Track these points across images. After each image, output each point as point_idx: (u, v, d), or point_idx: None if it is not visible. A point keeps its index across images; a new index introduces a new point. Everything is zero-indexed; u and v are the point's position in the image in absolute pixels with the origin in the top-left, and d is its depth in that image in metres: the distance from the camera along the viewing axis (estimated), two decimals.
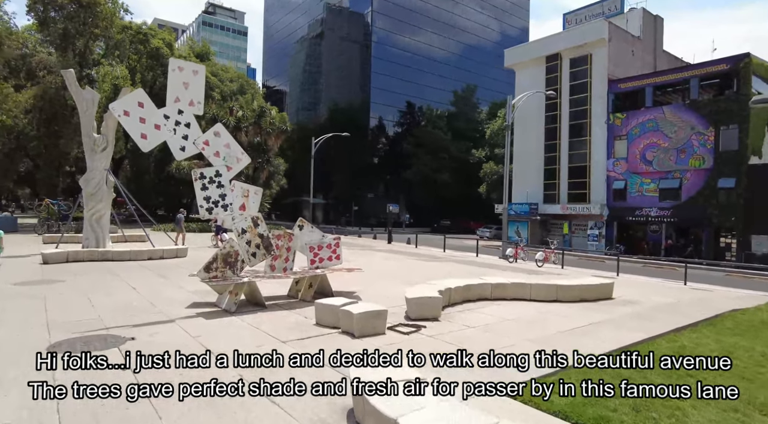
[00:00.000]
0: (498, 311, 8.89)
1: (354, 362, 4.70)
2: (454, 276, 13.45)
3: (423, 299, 8.00)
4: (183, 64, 8.20)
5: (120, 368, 5.04)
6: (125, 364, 5.15)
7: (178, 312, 8.21)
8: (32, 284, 10.63)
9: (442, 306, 8.52)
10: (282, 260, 9.74)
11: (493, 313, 8.75)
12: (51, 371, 4.83)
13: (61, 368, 4.71)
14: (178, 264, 15.10)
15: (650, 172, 30.72)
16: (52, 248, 17.83)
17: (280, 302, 9.47)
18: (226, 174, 8.76)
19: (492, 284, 10.06)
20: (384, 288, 11.21)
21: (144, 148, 7.90)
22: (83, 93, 17.47)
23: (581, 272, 17.90)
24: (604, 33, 32.72)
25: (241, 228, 8.98)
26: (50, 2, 29.12)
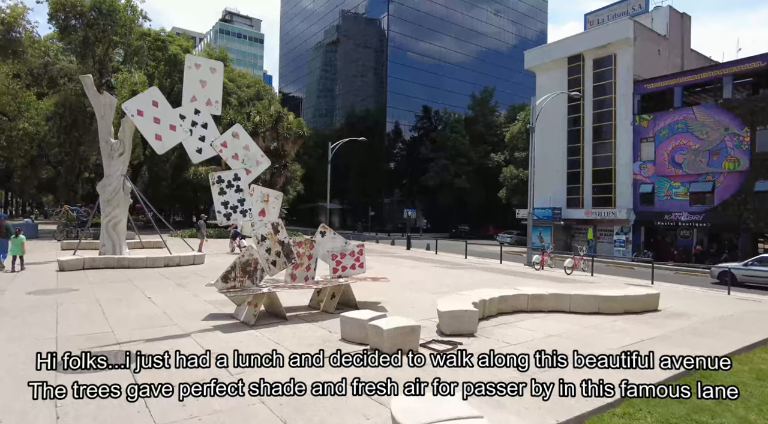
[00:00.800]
0: (539, 326, 8.16)
1: (392, 388, 4.09)
2: (482, 285, 12.74)
3: (458, 312, 7.32)
4: (200, 61, 7.72)
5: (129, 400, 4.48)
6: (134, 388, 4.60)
7: (195, 325, 7.68)
8: (46, 294, 10.26)
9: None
10: (303, 268, 9.17)
11: (534, 327, 8.02)
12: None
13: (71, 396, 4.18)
14: (195, 271, 14.69)
15: (680, 175, 29.50)
16: (69, 255, 17.63)
17: (302, 313, 8.89)
18: (245, 178, 8.24)
19: (528, 295, 9.34)
20: (410, 299, 10.56)
21: (159, 150, 7.42)
22: (101, 98, 17.29)
23: (613, 280, 17.00)
24: (629, 32, 31.68)
25: (260, 235, 8.44)
26: (71, 10, 29.41)
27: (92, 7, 29.93)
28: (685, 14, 36.03)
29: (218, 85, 7.95)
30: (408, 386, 4.32)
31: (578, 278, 16.85)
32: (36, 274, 13.33)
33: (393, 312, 8.86)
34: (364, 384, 4.64)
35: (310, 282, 9.16)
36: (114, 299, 9.75)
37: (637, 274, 21.31)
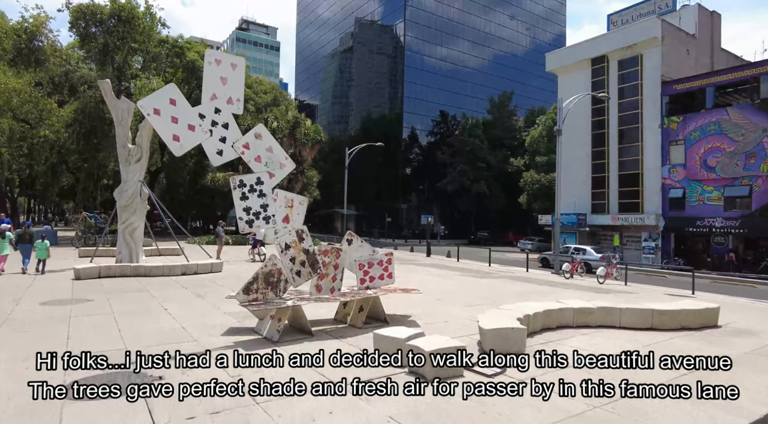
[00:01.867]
0: (591, 343, 7.36)
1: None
2: (515, 296, 11.95)
3: (504, 330, 6.57)
4: (220, 56, 7.18)
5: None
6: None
7: (215, 341, 7.08)
8: (60, 304, 9.79)
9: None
10: (329, 279, 8.52)
11: (586, 346, 7.22)
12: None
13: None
14: (214, 280, 14.18)
15: (713, 179, 28.22)
16: (86, 262, 17.33)
17: (328, 327, 8.23)
18: (268, 181, 7.65)
19: (575, 309, 8.54)
20: (442, 312, 9.83)
21: (176, 151, 6.88)
22: (119, 103, 17.03)
23: (651, 290, 16.01)
24: (657, 32, 30.61)
25: (284, 243, 7.83)
26: (91, 18, 29.56)
27: (112, 15, 30.04)
28: (715, 12, 34.79)
29: (240, 82, 7.40)
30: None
31: (613, 287, 15.90)
32: (52, 282, 12.96)
33: (426, 328, 8.16)
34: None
35: (336, 294, 8.51)
36: (129, 311, 9.23)
37: (672, 283, 20.20)
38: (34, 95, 29.94)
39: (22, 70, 30.45)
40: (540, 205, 44.81)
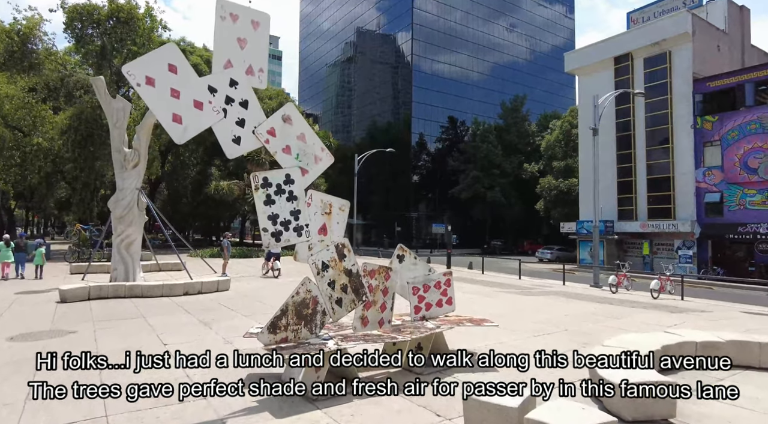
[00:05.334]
0: (753, 400, 5.34)
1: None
2: (577, 318, 9.94)
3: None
4: (237, 10, 5.28)
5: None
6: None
7: (230, 401, 5.10)
8: (32, 339, 7.84)
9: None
10: (377, 308, 6.52)
11: (751, 404, 5.20)
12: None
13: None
14: (220, 301, 12.21)
15: (755, 182, 26.22)
16: (77, 280, 15.48)
17: (376, 373, 6.25)
18: (300, 180, 5.73)
19: (697, 343, 6.55)
20: (513, 345, 7.81)
21: (177, 137, 4.95)
22: (113, 102, 15.28)
23: (719, 305, 13.97)
24: (688, 26, 28.83)
25: (321, 262, 5.87)
26: (88, 19, 27.94)
27: (110, 16, 28.44)
28: (744, 7, 33.08)
29: (263, 46, 5.50)
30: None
31: (674, 303, 13.88)
32: (32, 306, 11.02)
33: (505, 372, 6.18)
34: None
35: (386, 328, 6.51)
36: (118, 349, 7.25)
37: (725, 296, 18.18)
38: (27, 101, 28.26)
39: (15, 75, 28.78)
40: (560, 212, 42.78)
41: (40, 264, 16.85)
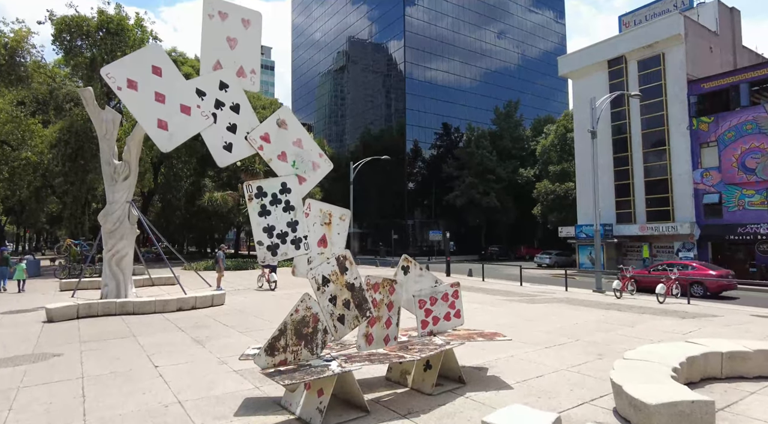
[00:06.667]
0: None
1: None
2: (588, 327, 9.54)
3: (682, 405, 4.18)
4: (227, 8, 4.91)
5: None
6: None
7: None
8: (12, 364, 7.34)
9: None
10: (382, 324, 6.10)
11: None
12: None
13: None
14: (215, 316, 11.73)
15: (753, 182, 26.07)
16: (66, 297, 14.94)
17: (383, 394, 5.82)
18: (298, 189, 5.34)
19: (723, 354, 6.17)
20: (524, 359, 7.40)
21: (163, 145, 4.54)
22: (102, 114, 14.82)
23: (726, 309, 13.62)
24: (680, 28, 28.84)
25: (321, 276, 5.46)
26: (77, 30, 27.53)
27: (99, 27, 28.05)
28: (735, 8, 33.21)
29: (255, 46, 5.13)
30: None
31: (681, 307, 13.52)
32: (16, 327, 10.49)
33: (522, 390, 5.78)
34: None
35: (393, 346, 6.09)
36: (105, 373, 6.78)
37: (727, 298, 17.86)
38: (15, 115, 27.76)
39: (2, 89, 28.29)
40: (558, 216, 42.54)
41: (21, 279, 17.48)
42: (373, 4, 65.14)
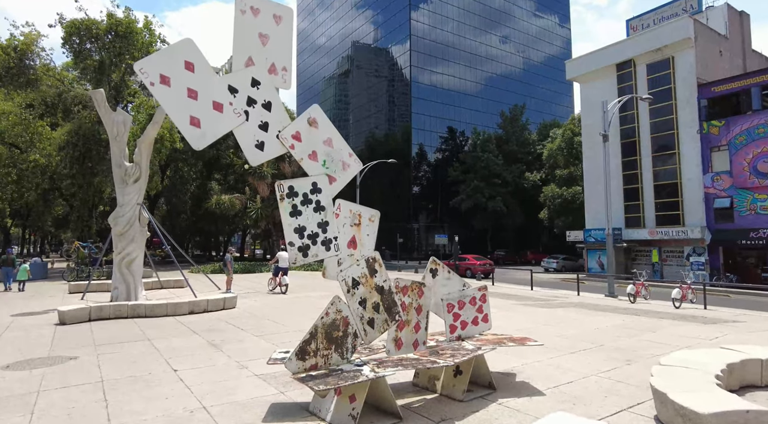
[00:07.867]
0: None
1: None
2: (607, 332, 9.36)
3: (735, 416, 4.01)
4: (259, 3, 4.79)
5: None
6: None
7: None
8: (29, 367, 7.20)
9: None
10: (410, 328, 5.95)
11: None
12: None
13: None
14: (228, 320, 11.57)
15: (765, 187, 25.83)
16: (76, 300, 14.84)
17: (413, 400, 5.65)
18: (328, 189, 5.20)
19: (763, 361, 5.98)
20: (552, 364, 7.22)
21: (195, 143, 4.42)
22: (114, 115, 14.77)
23: (748, 314, 13.40)
24: (690, 32, 28.71)
25: (351, 278, 5.31)
26: (86, 33, 27.62)
27: (108, 30, 28.14)
28: (744, 12, 33.09)
29: (287, 43, 5.01)
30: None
31: (698, 313, 13.31)
32: (28, 330, 10.36)
33: (555, 396, 5.61)
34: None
35: (422, 350, 5.93)
36: (124, 377, 6.63)
37: (741, 303, 17.63)
38: (24, 118, 27.78)
39: (12, 91, 28.36)
40: (563, 220, 42.31)
41: (23, 279, 18.20)
42: (378, 8, 65.32)
